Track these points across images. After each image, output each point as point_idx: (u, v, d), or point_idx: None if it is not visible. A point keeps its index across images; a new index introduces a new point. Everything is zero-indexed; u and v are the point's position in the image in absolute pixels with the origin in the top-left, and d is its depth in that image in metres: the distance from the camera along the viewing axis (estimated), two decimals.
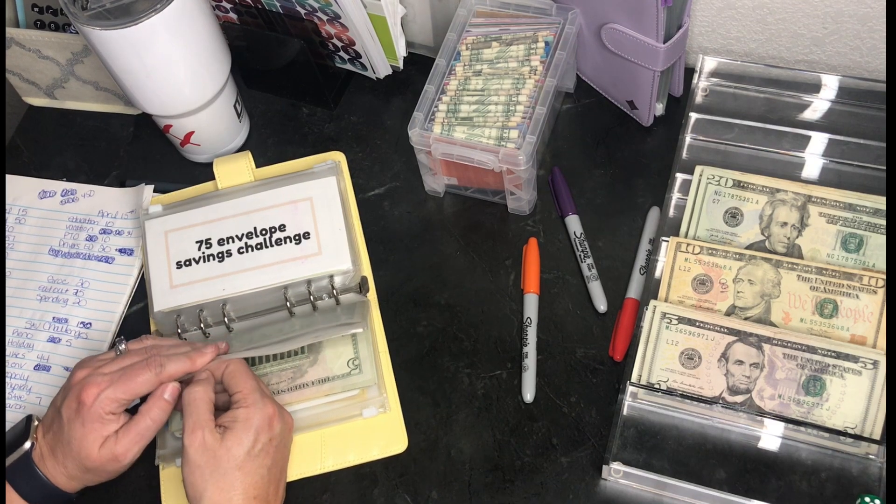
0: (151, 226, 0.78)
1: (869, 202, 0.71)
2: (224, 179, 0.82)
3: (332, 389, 0.70)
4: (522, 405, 0.71)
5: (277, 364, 0.72)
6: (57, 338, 0.77)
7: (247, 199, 0.78)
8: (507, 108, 0.75)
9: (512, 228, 0.80)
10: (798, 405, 0.66)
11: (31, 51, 0.85)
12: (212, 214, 0.78)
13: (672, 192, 0.76)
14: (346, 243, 0.75)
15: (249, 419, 0.63)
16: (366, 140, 0.87)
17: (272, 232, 0.76)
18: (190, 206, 0.79)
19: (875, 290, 0.68)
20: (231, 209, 0.78)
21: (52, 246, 0.82)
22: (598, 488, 0.67)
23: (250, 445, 0.62)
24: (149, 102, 0.78)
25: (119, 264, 0.81)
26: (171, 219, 0.78)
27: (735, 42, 0.84)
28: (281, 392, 0.70)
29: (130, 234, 0.82)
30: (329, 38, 0.83)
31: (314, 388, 0.71)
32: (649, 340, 0.69)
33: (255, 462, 0.63)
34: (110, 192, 0.85)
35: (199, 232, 0.77)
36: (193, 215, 0.78)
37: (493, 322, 0.75)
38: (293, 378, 0.71)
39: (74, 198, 0.85)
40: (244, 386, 0.65)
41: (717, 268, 0.71)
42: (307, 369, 0.71)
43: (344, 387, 0.70)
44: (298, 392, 0.71)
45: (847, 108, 0.79)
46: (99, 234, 0.82)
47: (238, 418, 0.63)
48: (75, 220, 0.83)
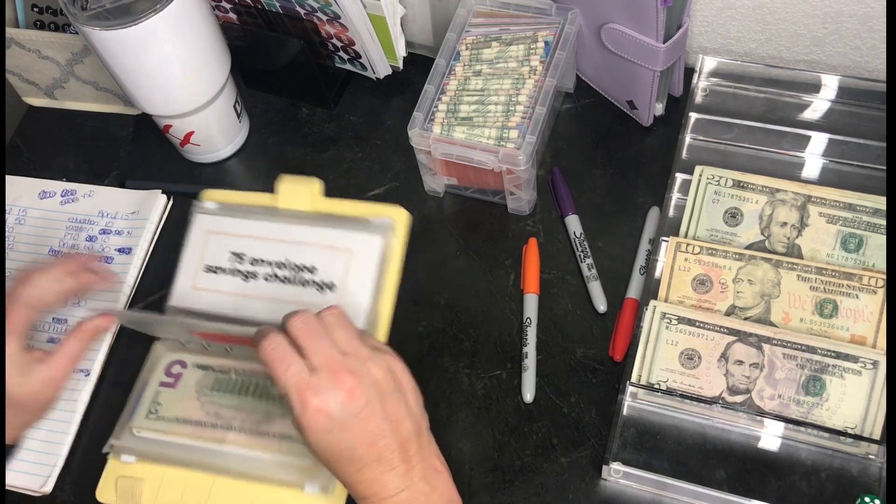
0: (200, 220, 0.77)
1: (869, 202, 0.71)
2: (284, 198, 0.77)
3: (290, 451, 0.67)
4: (522, 405, 0.71)
5: (251, 401, 0.69)
6: (56, 338, 0.77)
7: (292, 228, 0.75)
8: (507, 108, 0.75)
9: (512, 228, 0.80)
10: (798, 405, 0.66)
11: (31, 51, 0.85)
12: (255, 230, 0.76)
13: (672, 192, 0.76)
14: (366, 311, 0.71)
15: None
16: (366, 140, 0.87)
17: (301, 270, 0.74)
18: (239, 213, 0.77)
19: (875, 290, 0.68)
20: (274, 232, 0.75)
21: (52, 246, 0.82)
22: (598, 488, 0.67)
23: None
24: (149, 102, 0.78)
25: (118, 263, 0.80)
26: (218, 221, 0.77)
27: (735, 42, 0.84)
28: (242, 431, 0.68)
29: (130, 233, 0.82)
30: (329, 38, 0.83)
31: (273, 441, 0.67)
32: (649, 340, 0.69)
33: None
34: (110, 193, 0.85)
35: (237, 244, 0.75)
36: (238, 225, 0.76)
37: (492, 322, 0.75)
38: (259, 422, 0.68)
39: (74, 198, 0.85)
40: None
41: (716, 268, 0.71)
42: (276, 419, 0.68)
43: (302, 452, 0.63)
44: (258, 438, 0.68)
45: (847, 108, 0.79)
46: (99, 235, 0.82)
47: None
48: (75, 220, 0.83)
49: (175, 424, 0.70)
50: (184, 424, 0.69)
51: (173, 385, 0.71)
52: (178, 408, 0.70)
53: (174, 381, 0.72)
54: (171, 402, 0.71)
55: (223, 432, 0.68)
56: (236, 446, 0.68)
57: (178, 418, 0.70)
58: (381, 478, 0.57)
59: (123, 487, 0.69)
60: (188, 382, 0.71)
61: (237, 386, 0.70)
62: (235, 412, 0.69)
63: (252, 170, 0.87)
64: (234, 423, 0.69)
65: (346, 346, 0.58)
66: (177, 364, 0.72)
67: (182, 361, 0.72)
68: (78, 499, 0.71)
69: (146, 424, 0.70)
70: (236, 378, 0.71)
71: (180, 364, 0.72)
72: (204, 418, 0.69)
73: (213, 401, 0.70)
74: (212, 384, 0.71)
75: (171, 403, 0.70)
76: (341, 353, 0.58)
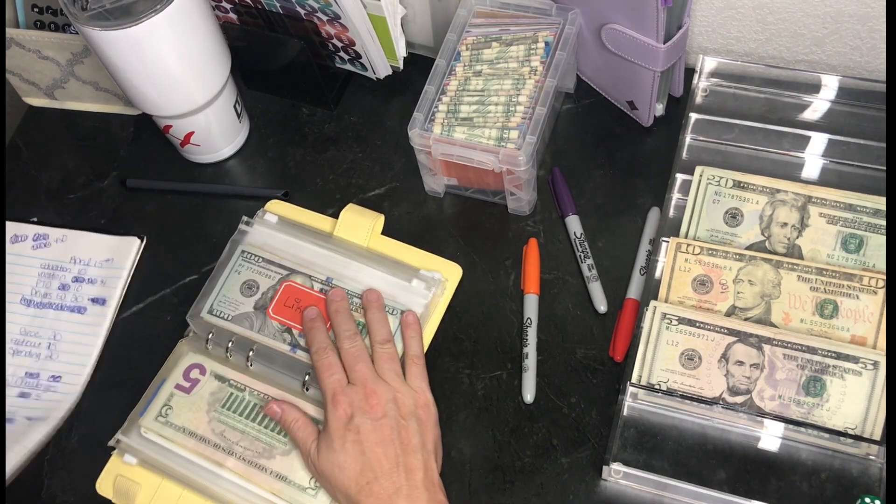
0: (255, 232, 0.78)
1: (869, 202, 0.71)
2: (343, 227, 0.78)
3: (280, 492, 0.67)
4: (522, 406, 0.71)
5: (257, 429, 0.70)
6: (27, 392, 0.76)
7: (337, 260, 0.76)
8: (508, 108, 0.75)
9: (512, 229, 0.80)
10: (798, 406, 0.66)
11: (31, 51, 0.85)
12: (301, 254, 0.76)
13: (672, 193, 0.76)
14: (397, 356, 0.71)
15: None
16: (366, 140, 0.87)
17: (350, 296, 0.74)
18: (292, 233, 0.78)
19: (875, 290, 0.68)
20: (317, 260, 0.76)
21: (25, 295, 0.80)
22: (598, 489, 0.67)
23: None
24: (149, 102, 0.78)
25: (91, 314, 0.78)
26: (270, 237, 0.77)
27: (735, 42, 0.84)
28: (242, 459, 0.68)
29: (104, 282, 0.80)
30: (329, 38, 0.83)
31: (267, 478, 0.68)
32: (649, 341, 0.69)
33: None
34: (84, 238, 0.82)
35: (277, 267, 0.76)
36: (287, 245, 0.77)
37: (493, 322, 0.75)
38: (260, 454, 0.69)
39: (46, 242, 0.82)
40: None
41: (717, 268, 0.71)
42: (276, 455, 0.68)
43: (291, 499, 0.67)
44: (254, 471, 0.68)
45: (847, 109, 0.79)
46: (72, 283, 0.80)
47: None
48: (47, 266, 0.81)
49: (180, 434, 0.70)
50: (188, 436, 0.70)
51: (188, 391, 0.71)
52: (186, 417, 0.70)
53: (190, 386, 0.72)
54: (181, 409, 0.71)
55: (224, 456, 0.69)
56: (234, 474, 0.68)
57: (185, 429, 0.70)
58: (389, 499, 0.61)
59: (121, 486, 0.70)
60: (202, 392, 0.71)
61: (248, 408, 0.71)
62: (240, 436, 0.69)
63: (252, 170, 0.87)
64: (236, 448, 0.69)
65: (385, 376, 0.68)
66: (196, 368, 0.72)
67: (202, 367, 0.72)
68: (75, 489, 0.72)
69: (154, 426, 0.70)
70: (249, 399, 0.71)
71: (200, 369, 0.72)
72: (209, 435, 0.70)
73: (222, 419, 0.70)
74: (224, 401, 0.71)
75: (181, 410, 0.71)
76: (376, 378, 0.67)
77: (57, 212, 0.86)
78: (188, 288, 0.80)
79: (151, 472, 0.70)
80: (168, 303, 0.80)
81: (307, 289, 0.74)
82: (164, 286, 0.80)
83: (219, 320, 0.74)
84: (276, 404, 0.69)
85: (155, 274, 0.81)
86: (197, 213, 0.84)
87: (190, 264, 0.81)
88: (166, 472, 0.69)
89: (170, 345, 0.75)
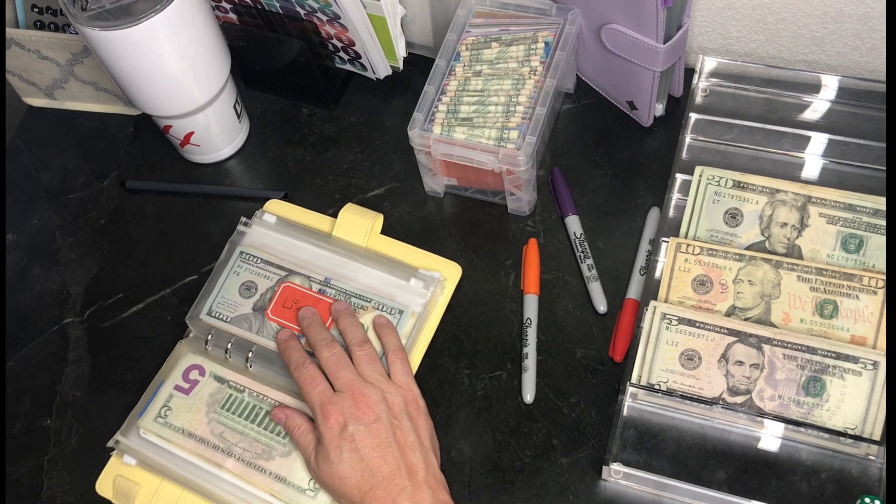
0: (253, 233, 0.77)
1: (869, 203, 0.71)
2: (342, 227, 0.78)
3: (279, 494, 0.67)
4: (522, 406, 0.71)
5: (257, 430, 0.69)
6: None
7: (336, 261, 0.76)
8: (507, 108, 0.75)
9: (512, 229, 0.80)
10: (798, 406, 0.66)
11: (30, 51, 0.85)
12: (299, 254, 0.76)
13: (672, 193, 0.76)
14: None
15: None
16: (366, 140, 0.87)
17: (349, 296, 0.74)
18: (290, 233, 0.77)
19: (875, 290, 0.68)
20: (316, 260, 0.76)
21: None
22: (598, 489, 0.67)
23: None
24: (149, 103, 0.78)
25: None
26: (269, 238, 0.77)
27: (735, 42, 0.84)
28: (241, 460, 0.68)
29: None
30: (329, 38, 0.83)
31: (266, 479, 0.67)
32: (649, 341, 0.69)
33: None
34: None
35: (276, 268, 0.76)
36: (286, 245, 0.77)
37: (493, 323, 0.75)
38: (259, 455, 0.68)
39: None
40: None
41: (717, 268, 0.71)
42: (275, 457, 0.68)
43: (290, 500, 0.66)
44: (252, 472, 0.68)
45: (847, 109, 0.79)
46: None
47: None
48: None
49: (179, 435, 0.70)
50: (188, 438, 0.69)
51: (187, 392, 0.71)
52: (185, 418, 0.70)
53: (189, 387, 0.72)
54: (180, 410, 0.71)
55: (223, 457, 0.69)
56: (232, 475, 0.68)
57: (184, 430, 0.70)
58: (394, 502, 0.61)
59: (120, 487, 0.70)
60: (201, 393, 0.71)
61: (247, 410, 0.70)
62: (240, 437, 0.69)
63: (252, 170, 0.87)
64: (235, 449, 0.69)
65: (369, 379, 0.67)
66: (195, 369, 0.72)
67: (201, 368, 0.72)
68: (75, 490, 0.72)
69: (153, 427, 0.70)
70: (249, 400, 0.71)
71: (199, 370, 0.72)
72: (208, 436, 0.69)
73: (221, 420, 0.70)
74: (223, 402, 0.71)
75: (180, 411, 0.71)
76: (362, 382, 0.66)
77: (57, 212, 0.86)
78: (188, 288, 0.80)
79: (151, 472, 0.70)
80: (168, 303, 0.80)
81: (305, 290, 0.74)
82: (163, 286, 0.80)
83: (218, 322, 0.74)
84: (280, 410, 0.69)
85: (155, 274, 0.81)
86: (196, 213, 0.84)
87: (190, 265, 0.81)
88: (165, 472, 0.69)
89: (169, 345, 0.75)
